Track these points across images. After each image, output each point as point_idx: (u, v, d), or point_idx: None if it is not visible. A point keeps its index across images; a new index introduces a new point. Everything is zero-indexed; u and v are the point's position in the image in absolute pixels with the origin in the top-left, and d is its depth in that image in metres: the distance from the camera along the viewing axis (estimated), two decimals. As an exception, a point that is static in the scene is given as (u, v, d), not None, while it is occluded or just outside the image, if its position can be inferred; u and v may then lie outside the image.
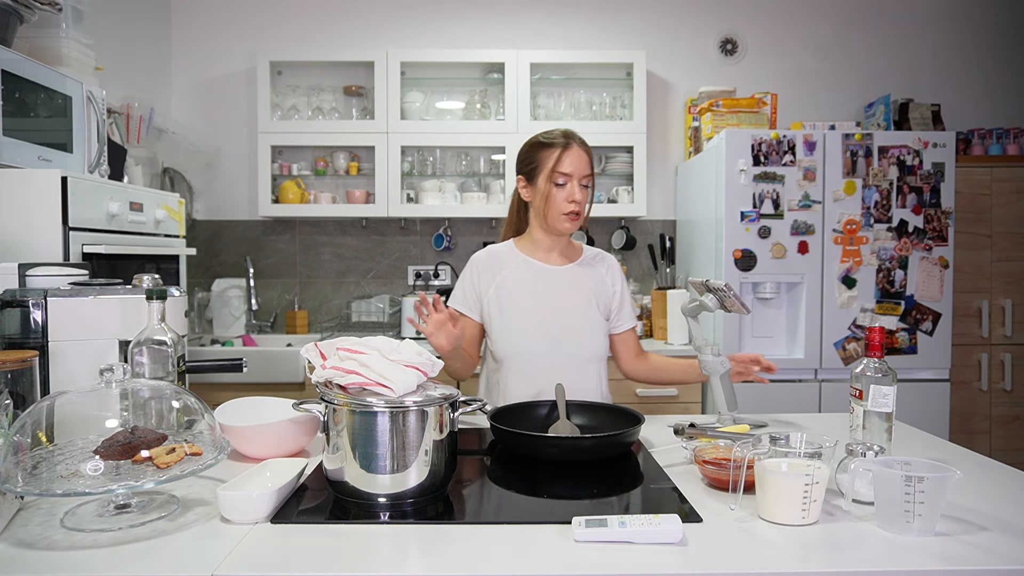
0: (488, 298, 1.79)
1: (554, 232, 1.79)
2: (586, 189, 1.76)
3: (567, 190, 1.72)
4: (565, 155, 1.73)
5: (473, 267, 1.84)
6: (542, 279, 1.80)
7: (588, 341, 1.77)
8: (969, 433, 3.10)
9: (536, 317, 1.75)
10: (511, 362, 1.76)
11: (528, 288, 1.79)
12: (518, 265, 1.82)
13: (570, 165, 1.72)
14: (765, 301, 2.90)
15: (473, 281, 1.82)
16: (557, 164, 1.73)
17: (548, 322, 1.75)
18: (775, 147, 2.79)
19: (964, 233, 3.07)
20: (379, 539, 0.98)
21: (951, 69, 3.57)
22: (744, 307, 1.56)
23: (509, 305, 1.77)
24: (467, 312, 1.81)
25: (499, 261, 1.83)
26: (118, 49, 2.93)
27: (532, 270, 1.81)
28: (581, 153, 1.75)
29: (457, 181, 3.41)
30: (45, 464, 1.04)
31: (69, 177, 1.85)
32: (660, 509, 1.09)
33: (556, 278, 1.80)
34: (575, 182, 1.72)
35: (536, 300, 1.77)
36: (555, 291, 1.78)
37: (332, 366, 1.17)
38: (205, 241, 3.47)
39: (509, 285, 1.79)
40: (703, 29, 3.53)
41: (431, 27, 3.49)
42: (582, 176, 1.73)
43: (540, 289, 1.79)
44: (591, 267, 1.85)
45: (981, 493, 1.16)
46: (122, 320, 1.44)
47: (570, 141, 1.75)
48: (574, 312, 1.77)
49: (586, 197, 1.76)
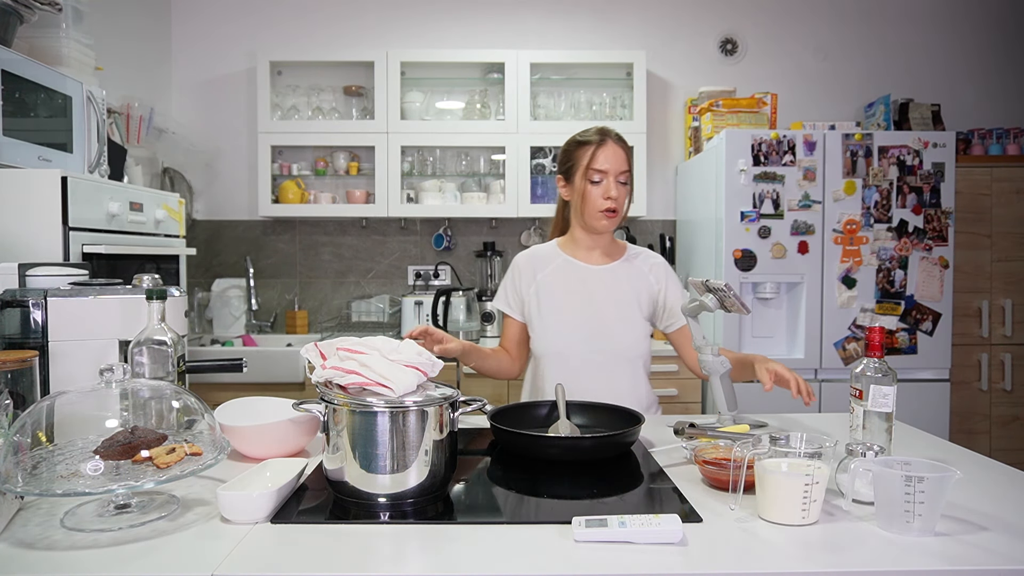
0: (529, 297, 1.81)
1: (592, 230, 1.78)
2: (624, 186, 1.73)
3: (602, 187, 1.71)
4: (599, 151, 1.72)
5: (515, 268, 1.86)
6: (582, 278, 1.80)
7: (627, 341, 1.76)
8: (969, 433, 3.10)
9: (574, 316, 1.76)
10: (548, 360, 1.77)
11: (567, 287, 1.79)
12: (559, 264, 1.82)
13: (605, 161, 1.71)
14: (765, 301, 2.90)
15: (515, 282, 1.84)
16: (591, 161, 1.72)
17: (586, 321, 1.75)
18: (775, 147, 2.79)
19: (964, 233, 3.07)
20: (379, 539, 0.98)
21: (951, 69, 3.57)
22: (744, 307, 1.56)
23: (548, 303, 1.78)
24: (509, 312, 1.84)
25: (541, 261, 1.84)
26: (118, 49, 2.93)
27: (572, 269, 1.81)
28: (616, 149, 1.73)
29: (457, 181, 3.41)
30: (45, 464, 1.04)
31: (69, 177, 1.85)
32: (660, 509, 1.09)
33: (596, 277, 1.80)
34: (610, 178, 1.71)
35: (575, 299, 1.77)
36: (595, 290, 1.78)
37: (332, 366, 1.17)
38: (205, 241, 3.47)
39: (549, 284, 1.80)
40: (703, 29, 3.53)
41: (431, 27, 3.49)
42: (618, 172, 1.72)
43: (579, 288, 1.78)
44: (633, 266, 1.83)
45: (981, 493, 1.16)
46: (122, 320, 1.43)
47: (605, 138, 1.74)
48: (613, 312, 1.77)
49: (624, 194, 1.74)
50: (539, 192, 3.35)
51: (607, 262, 1.82)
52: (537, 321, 1.79)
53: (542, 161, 3.33)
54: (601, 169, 1.71)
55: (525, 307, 1.82)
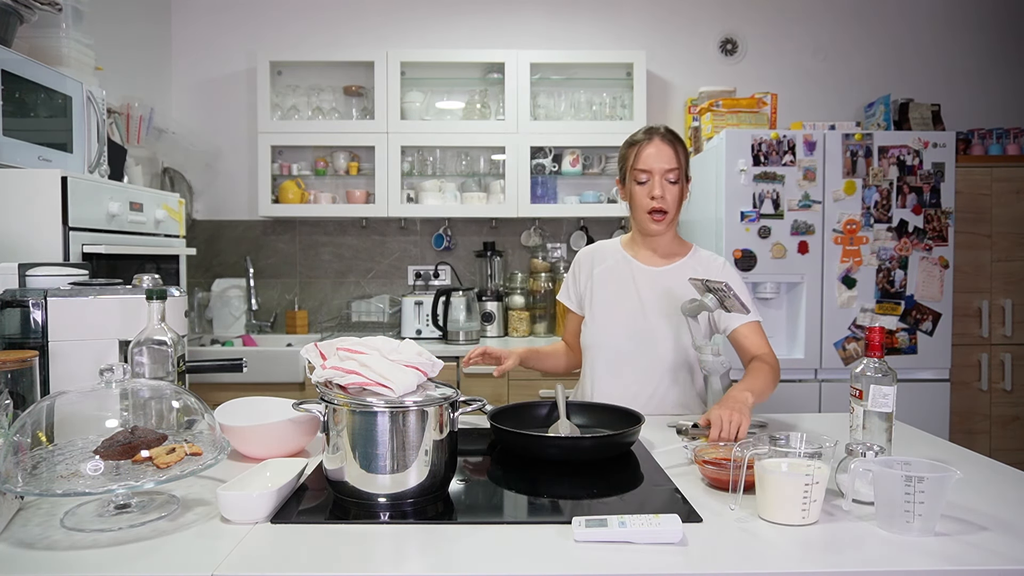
0: (585, 291, 1.84)
1: (644, 232, 1.75)
2: (673, 185, 1.67)
3: (648, 187, 1.67)
4: (643, 150, 1.67)
5: (576, 262, 1.90)
6: (634, 278, 1.78)
7: (665, 347, 1.72)
8: (969, 433, 3.10)
9: (621, 315, 1.76)
10: (592, 352, 1.80)
11: (620, 285, 1.79)
12: (617, 261, 1.83)
13: (648, 160, 1.66)
14: (765, 301, 2.90)
15: (576, 276, 1.88)
16: (636, 161, 1.68)
17: (632, 322, 1.75)
18: (775, 147, 2.79)
19: (964, 233, 3.07)
20: (379, 539, 0.98)
21: (951, 69, 3.57)
22: (744, 307, 1.56)
23: (599, 299, 1.79)
24: (569, 305, 1.88)
25: (600, 255, 1.85)
26: (118, 49, 2.93)
27: (628, 267, 1.80)
28: (663, 146, 1.67)
29: (457, 181, 3.41)
30: (45, 464, 1.04)
31: (69, 177, 1.85)
32: (660, 509, 1.09)
33: (647, 278, 1.77)
34: (656, 177, 1.66)
35: (624, 297, 1.77)
36: (644, 292, 1.76)
37: (332, 366, 1.17)
38: (205, 241, 3.47)
39: (603, 279, 1.81)
40: (703, 29, 3.53)
41: (431, 27, 3.49)
42: (665, 171, 1.66)
43: (630, 288, 1.77)
44: (691, 268, 1.75)
45: (981, 493, 1.16)
46: (122, 320, 1.43)
47: (651, 136, 1.69)
48: (657, 316, 1.73)
49: (673, 192, 1.67)
50: (539, 192, 3.35)
51: (663, 264, 1.77)
52: (588, 317, 1.82)
53: (542, 161, 3.33)
54: (644, 168, 1.67)
55: (583, 301, 1.85)
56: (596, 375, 1.77)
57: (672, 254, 1.79)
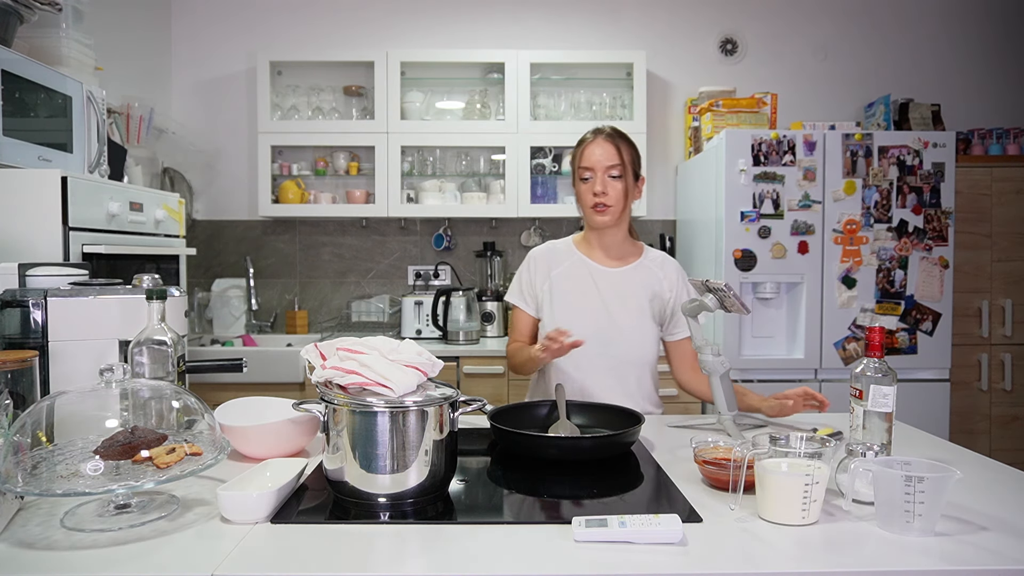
0: (542, 292, 1.81)
1: (591, 226, 1.80)
2: (616, 180, 1.72)
3: (591, 183, 1.73)
4: (587, 149, 1.74)
5: (530, 262, 1.86)
6: (595, 279, 1.80)
7: (633, 345, 1.76)
8: (969, 433, 3.10)
9: (585, 316, 1.76)
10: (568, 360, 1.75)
11: (580, 286, 1.79)
12: (574, 262, 1.82)
13: (590, 158, 1.73)
14: (765, 301, 2.90)
15: (530, 275, 1.84)
16: (580, 159, 1.75)
17: (597, 322, 1.75)
18: (775, 147, 2.79)
19: (964, 233, 3.07)
20: (379, 539, 0.98)
21: (951, 69, 3.57)
22: (744, 307, 1.56)
23: (560, 301, 1.78)
24: (523, 306, 1.84)
25: (556, 257, 1.84)
26: (118, 49, 2.93)
27: (586, 269, 1.81)
28: (603, 144, 1.73)
29: (457, 181, 3.40)
30: (45, 464, 1.04)
31: (69, 177, 1.85)
32: (660, 509, 1.09)
33: (607, 279, 1.80)
34: (599, 174, 1.72)
35: (587, 299, 1.78)
36: (605, 292, 1.78)
37: (332, 366, 1.17)
38: (205, 241, 3.47)
39: (562, 281, 1.80)
40: (703, 29, 3.53)
41: (431, 27, 3.49)
42: (605, 167, 1.71)
43: (592, 289, 1.78)
44: (647, 270, 1.82)
45: (981, 493, 1.16)
46: (122, 320, 1.43)
47: (594, 135, 1.75)
48: (623, 315, 1.77)
49: (616, 188, 1.72)
50: (539, 192, 3.35)
51: (620, 264, 1.82)
52: (548, 318, 1.80)
53: (542, 161, 3.33)
54: (587, 166, 1.73)
55: (538, 302, 1.83)
56: (560, 376, 1.76)
57: (626, 254, 1.84)
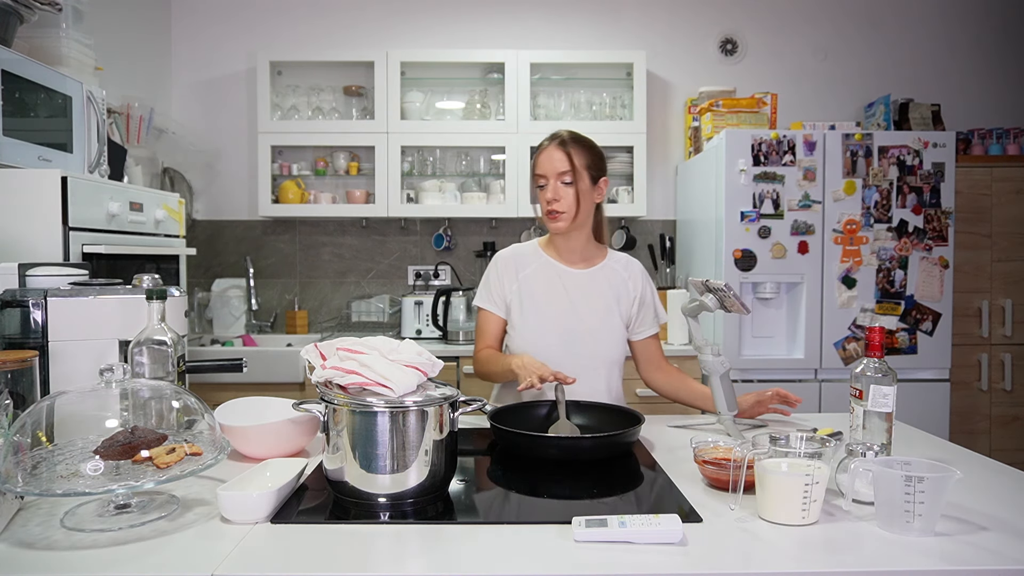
0: (510, 294, 1.81)
1: (551, 232, 1.82)
2: (568, 187, 1.73)
3: (545, 190, 1.75)
4: (540, 157, 1.77)
5: (497, 264, 1.86)
6: (563, 281, 1.81)
7: (603, 345, 1.77)
8: (969, 433, 3.10)
9: (553, 317, 1.76)
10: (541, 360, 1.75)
11: (548, 288, 1.80)
12: (541, 265, 1.83)
13: (542, 165, 1.75)
14: (765, 301, 2.90)
15: (499, 277, 1.84)
16: (535, 167, 1.77)
17: (565, 323, 1.76)
18: (775, 147, 2.79)
19: (964, 233, 3.07)
20: (379, 539, 0.98)
21: (951, 69, 3.57)
22: (744, 307, 1.56)
23: (529, 303, 1.79)
24: (492, 309, 1.83)
25: (523, 259, 1.84)
26: (118, 49, 2.93)
27: (553, 271, 1.82)
28: (555, 151, 1.74)
29: (457, 181, 3.40)
30: (45, 464, 1.04)
31: (69, 177, 1.85)
32: (660, 509, 1.09)
33: (575, 281, 1.81)
34: (551, 181, 1.74)
35: (556, 301, 1.78)
36: (573, 293, 1.79)
37: (332, 366, 1.17)
38: (205, 241, 3.47)
39: (530, 284, 1.80)
40: (703, 29, 3.53)
41: (431, 27, 3.49)
42: (557, 174, 1.73)
43: (559, 291, 1.79)
44: (613, 272, 1.84)
45: (981, 493, 1.16)
46: (122, 320, 1.43)
47: (549, 142, 1.77)
48: (591, 315, 1.78)
49: (568, 195, 1.73)
50: (539, 192, 3.35)
51: (586, 266, 1.84)
52: (517, 318, 1.79)
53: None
54: (540, 173, 1.76)
55: (506, 304, 1.82)
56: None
57: (592, 256, 1.85)
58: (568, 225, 1.76)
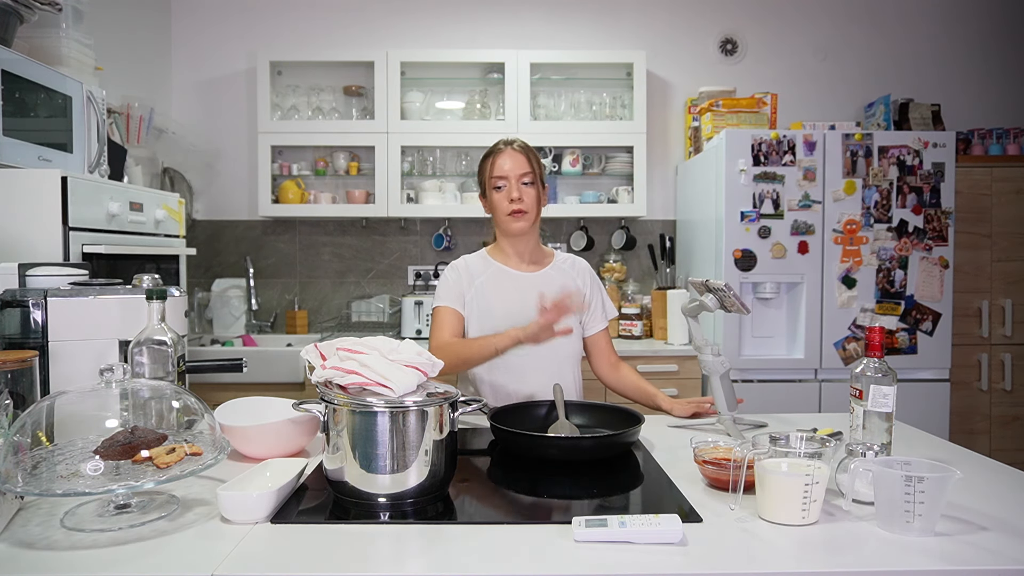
0: (469, 300, 1.84)
1: (508, 234, 1.85)
2: (529, 187, 1.80)
3: (506, 191, 1.80)
4: (497, 159, 1.81)
5: (455, 270, 1.89)
6: (516, 285, 1.84)
7: (564, 343, 1.79)
8: (969, 433, 3.10)
9: (512, 320, 1.76)
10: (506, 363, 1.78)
11: (503, 293, 1.83)
12: (493, 271, 1.87)
13: (502, 167, 1.80)
14: (765, 301, 2.90)
15: (458, 280, 1.86)
16: (492, 170, 1.81)
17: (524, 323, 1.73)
18: (775, 147, 2.79)
19: (964, 233, 3.07)
20: (379, 539, 0.98)
21: (951, 69, 3.57)
22: (744, 307, 1.56)
23: (486, 309, 1.82)
24: (455, 306, 1.84)
25: (475, 268, 1.88)
26: (118, 49, 2.93)
27: (506, 276, 1.86)
28: (514, 154, 1.81)
29: (457, 181, 3.40)
30: (45, 464, 1.04)
31: (69, 177, 1.85)
32: (660, 509, 1.09)
33: (528, 283, 1.84)
34: (512, 181, 1.79)
35: (511, 304, 1.81)
36: (528, 295, 1.79)
37: (332, 366, 1.17)
38: (205, 241, 3.47)
39: (486, 290, 1.83)
40: (703, 29, 3.53)
41: (431, 27, 3.49)
42: (519, 175, 1.79)
43: (515, 294, 1.83)
44: (562, 272, 1.90)
45: (981, 493, 1.16)
46: (122, 320, 1.44)
47: (504, 146, 1.83)
48: None
49: (531, 195, 1.80)
50: (539, 192, 3.35)
51: (538, 268, 1.88)
52: (476, 325, 1.82)
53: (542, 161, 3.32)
54: (501, 175, 1.80)
55: (465, 306, 1.85)
56: (497, 382, 1.79)
57: (541, 259, 1.91)
58: (529, 225, 1.82)
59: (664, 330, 3.10)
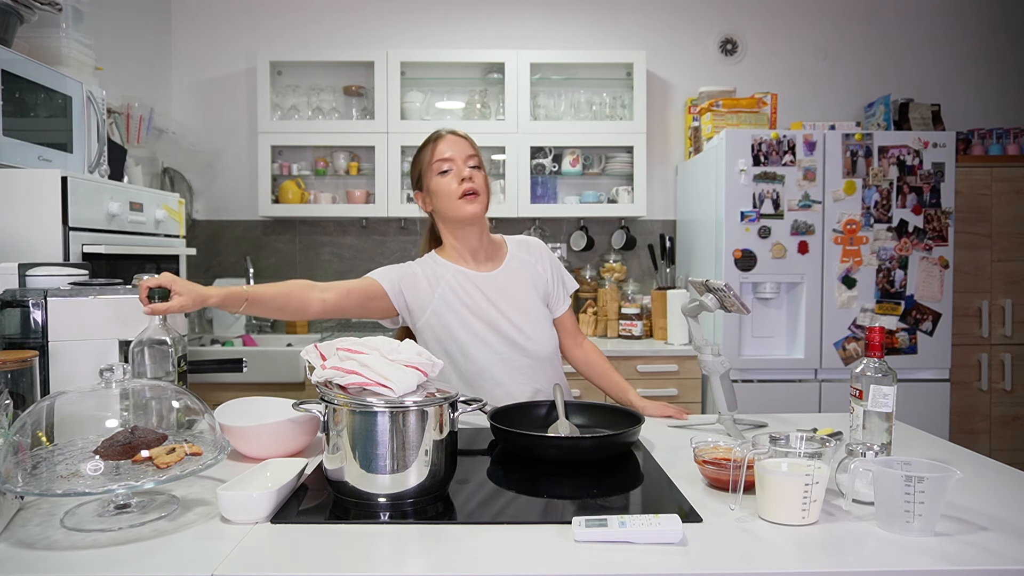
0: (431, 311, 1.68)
1: (461, 221, 1.70)
2: (477, 170, 1.70)
3: (454, 172, 1.68)
4: (439, 144, 1.71)
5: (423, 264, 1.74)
6: (481, 289, 1.72)
7: (541, 342, 1.74)
8: (969, 433, 3.10)
9: (487, 328, 1.69)
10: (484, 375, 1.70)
11: (470, 301, 1.70)
12: (453, 275, 1.71)
13: (447, 150, 1.69)
14: (765, 301, 2.90)
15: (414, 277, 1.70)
16: (434, 155, 1.70)
17: (499, 331, 1.70)
18: (775, 147, 2.79)
19: (964, 233, 3.07)
20: (379, 539, 0.98)
21: (951, 69, 3.57)
22: (744, 307, 1.56)
23: (457, 320, 1.68)
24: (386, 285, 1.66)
25: (432, 276, 1.71)
26: (118, 49, 2.93)
27: (468, 280, 1.72)
28: (456, 138, 1.71)
29: (457, 181, 3.40)
30: (45, 464, 1.04)
31: (69, 177, 1.85)
32: (660, 509, 1.09)
33: (491, 284, 1.72)
34: (459, 163, 1.68)
35: (481, 312, 1.70)
36: (496, 299, 1.71)
37: (332, 366, 1.17)
38: (205, 241, 3.47)
39: (451, 299, 1.69)
40: (703, 29, 3.53)
41: (431, 27, 3.49)
42: (465, 157, 1.69)
43: (481, 301, 1.70)
44: (521, 261, 1.79)
45: (981, 493, 1.16)
46: (122, 320, 1.43)
47: (441, 133, 1.74)
48: (520, 316, 1.72)
49: (480, 177, 1.69)
50: (539, 192, 3.35)
51: (496, 265, 1.76)
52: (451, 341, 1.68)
53: (542, 161, 3.33)
54: (446, 157, 1.68)
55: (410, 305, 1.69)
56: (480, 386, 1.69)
57: (495, 252, 1.79)
58: (483, 207, 1.69)
59: (664, 330, 3.10)
